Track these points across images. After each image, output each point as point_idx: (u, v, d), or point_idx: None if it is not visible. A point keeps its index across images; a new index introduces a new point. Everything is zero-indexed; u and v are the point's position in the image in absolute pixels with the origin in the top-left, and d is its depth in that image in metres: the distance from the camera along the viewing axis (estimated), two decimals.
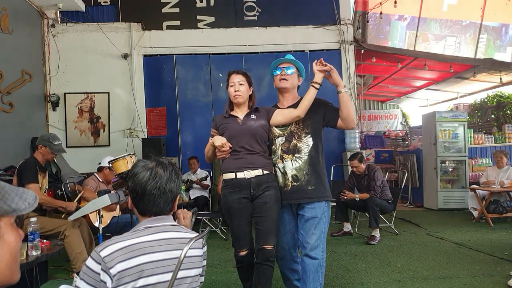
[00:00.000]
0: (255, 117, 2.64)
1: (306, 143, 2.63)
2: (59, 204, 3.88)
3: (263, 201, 2.53)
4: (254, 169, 2.53)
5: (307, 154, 2.62)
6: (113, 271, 1.25)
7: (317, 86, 2.60)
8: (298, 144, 2.63)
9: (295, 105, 2.66)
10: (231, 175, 2.57)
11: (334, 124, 2.68)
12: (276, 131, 2.68)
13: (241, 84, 2.63)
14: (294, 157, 2.63)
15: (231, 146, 2.57)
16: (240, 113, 2.67)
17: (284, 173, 2.64)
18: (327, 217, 2.67)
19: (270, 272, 2.50)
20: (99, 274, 1.26)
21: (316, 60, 2.63)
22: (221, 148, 2.54)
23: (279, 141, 2.67)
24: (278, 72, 2.71)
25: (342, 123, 2.64)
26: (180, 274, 1.37)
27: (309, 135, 2.64)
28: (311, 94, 2.57)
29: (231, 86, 2.64)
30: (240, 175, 2.53)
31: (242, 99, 2.63)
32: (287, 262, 2.74)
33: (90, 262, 1.29)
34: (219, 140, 2.54)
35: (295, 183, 2.61)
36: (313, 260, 2.57)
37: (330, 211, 2.77)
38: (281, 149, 2.65)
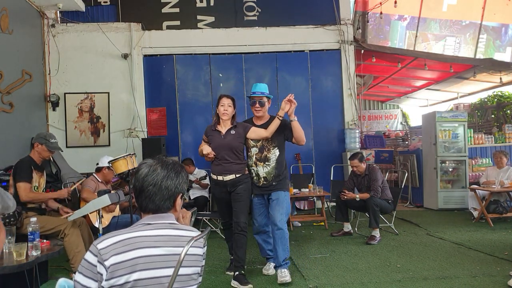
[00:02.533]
0: (234, 132, 3.59)
1: (274, 154, 3.67)
2: (50, 196, 3.87)
3: (236, 192, 3.58)
4: (229, 174, 3.56)
5: (274, 161, 3.67)
6: (107, 263, 1.28)
7: (281, 118, 3.55)
8: (268, 155, 3.67)
9: (267, 123, 3.67)
10: (214, 177, 3.66)
11: (290, 140, 3.67)
12: (251, 142, 3.69)
13: (229, 106, 3.59)
14: (265, 164, 3.67)
15: (214, 154, 3.57)
16: (224, 127, 3.62)
17: (257, 175, 3.70)
18: (287, 200, 3.76)
19: (243, 239, 3.54)
20: (95, 266, 1.29)
21: (288, 97, 3.50)
22: (207, 155, 3.56)
23: (254, 150, 3.69)
24: (253, 104, 3.68)
25: (295, 141, 3.63)
26: (183, 271, 1.38)
27: (276, 148, 3.67)
28: (276, 123, 3.54)
29: (222, 106, 3.59)
30: (220, 178, 3.59)
31: (228, 117, 3.60)
32: (262, 235, 3.83)
33: (88, 255, 1.31)
34: (206, 150, 3.57)
35: (265, 182, 3.69)
36: (280, 230, 3.58)
37: (289, 197, 3.92)
38: (255, 158, 3.69)
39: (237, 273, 3.48)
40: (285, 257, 3.59)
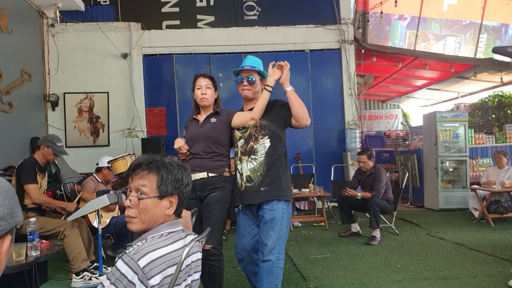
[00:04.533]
0: (214, 120, 2.73)
1: (263, 145, 2.64)
2: (58, 204, 3.88)
3: (206, 202, 2.62)
4: (199, 172, 2.62)
5: (263, 155, 2.62)
6: (153, 281, 1.21)
7: (270, 89, 2.61)
8: (255, 146, 2.65)
9: None
10: None
11: (290, 123, 2.67)
12: (237, 133, 2.73)
13: (208, 88, 2.73)
14: (249, 159, 2.65)
15: (187, 148, 2.71)
16: (203, 116, 2.77)
17: (241, 174, 2.67)
18: (286, 218, 2.62)
19: (215, 271, 2.56)
20: (134, 284, 1.20)
21: (273, 62, 2.65)
22: (179, 151, 2.72)
23: (240, 143, 2.71)
24: (240, 81, 2.73)
25: (295, 121, 2.62)
26: (191, 278, 1.41)
27: (266, 137, 2.65)
28: (264, 97, 2.60)
29: (198, 89, 2.74)
30: None
31: (208, 102, 2.74)
32: (248, 264, 2.75)
33: (124, 268, 1.20)
34: (176, 144, 2.72)
35: (248, 184, 2.63)
36: (267, 262, 2.54)
37: (290, 212, 2.73)
38: (240, 151, 2.69)
39: None
40: None
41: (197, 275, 1.46)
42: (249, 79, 2.68)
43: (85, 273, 3.49)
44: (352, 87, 7.65)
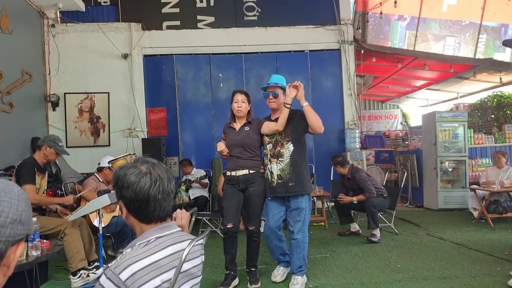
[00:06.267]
0: (248, 129, 3.49)
1: (288, 149, 3.42)
2: (55, 201, 3.92)
3: (248, 194, 3.46)
4: (242, 169, 3.44)
5: (288, 157, 3.41)
6: None
7: (288, 106, 3.33)
8: (281, 150, 3.43)
9: None
10: (228, 173, 3.53)
11: (307, 130, 3.42)
12: (266, 139, 3.52)
13: (243, 102, 3.49)
14: (278, 161, 3.44)
15: (228, 151, 3.49)
16: (238, 124, 3.53)
17: (271, 173, 3.47)
18: (308, 206, 3.49)
19: (255, 243, 3.49)
20: None
21: (290, 84, 3.36)
22: (221, 153, 3.51)
23: (269, 147, 3.50)
24: (266, 96, 3.50)
25: (311, 129, 3.38)
26: (192, 282, 1.38)
27: (290, 142, 3.42)
28: (284, 113, 3.33)
29: (235, 102, 3.48)
30: (233, 173, 3.48)
31: (243, 114, 3.50)
32: (273, 239, 3.55)
33: (107, 284, 1.18)
34: (219, 147, 3.53)
35: (279, 181, 3.43)
36: (295, 240, 3.43)
37: (311, 201, 3.61)
38: (270, 154, 3.48)
39: (247, 270, 3.55)
40: (299, 265, 3.45)
41: (199, 279, 1.42)
42: (274, 93, 3.46)
43: (82, 271, 3.50)
44: (351, 87, 7.66)
